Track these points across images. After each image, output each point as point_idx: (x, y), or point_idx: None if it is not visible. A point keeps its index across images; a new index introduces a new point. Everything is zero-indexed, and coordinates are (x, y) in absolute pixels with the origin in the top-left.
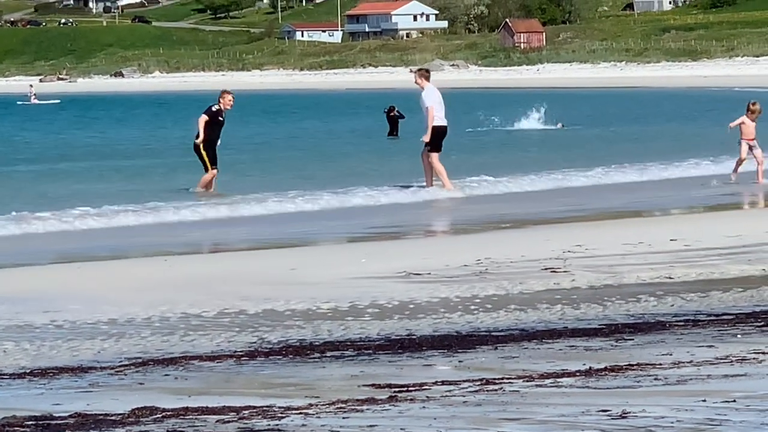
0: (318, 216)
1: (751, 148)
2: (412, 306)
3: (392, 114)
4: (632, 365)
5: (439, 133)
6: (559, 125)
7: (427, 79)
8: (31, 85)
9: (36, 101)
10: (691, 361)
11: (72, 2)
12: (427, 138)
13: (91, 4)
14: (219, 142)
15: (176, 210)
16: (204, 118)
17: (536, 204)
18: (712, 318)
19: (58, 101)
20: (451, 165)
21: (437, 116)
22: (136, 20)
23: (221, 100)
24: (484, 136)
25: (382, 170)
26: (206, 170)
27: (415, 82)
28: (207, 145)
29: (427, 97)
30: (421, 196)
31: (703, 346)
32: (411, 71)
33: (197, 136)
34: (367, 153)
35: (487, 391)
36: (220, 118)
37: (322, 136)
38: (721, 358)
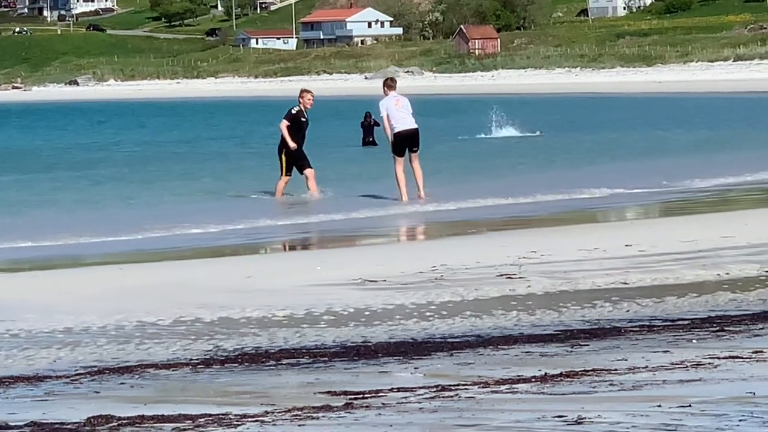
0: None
1: None
2: (367, 313)
3: (368, 121)
4: (588, 371)
5: (400, 137)
6: (538, 132)
7: (391, 87)
8: None
9: None
10: (646, 367)
11: (26, 11)
12: (390, 143)
13: (45, 13)
14: (304, 143)
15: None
16: (285, 123)
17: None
18: (668, 323)
19: None
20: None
21: (395, 122)
22: (91, 28)
23: (300, 100)
24: (474, 146)
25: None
26: (280, 176)
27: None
28: (287, 150)
29: (381, 105)
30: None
31: (658, 352)
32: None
33: (283, 142)
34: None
35: (442, 397)
36: (303, 119)
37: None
38: (676, 364)
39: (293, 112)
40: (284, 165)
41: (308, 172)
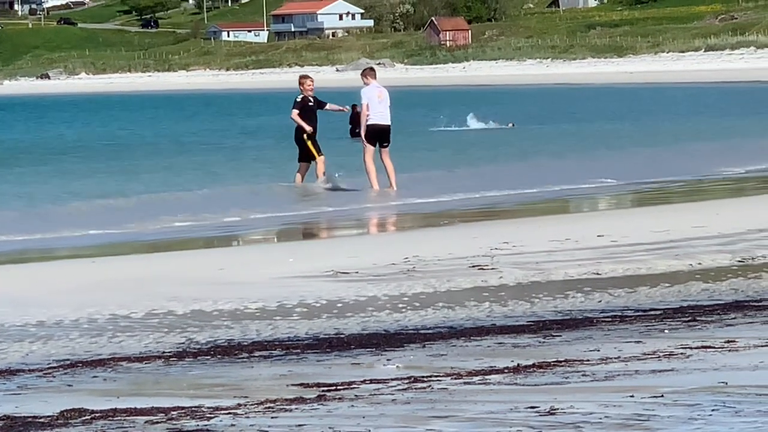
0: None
1: None
2: (340, 305)
3: (356, 112)
4: (560, 362)
5: (372, 130)
6: (510, 125)
7: (372, 77)
8: None
9: None
10: (618, 357)
11: None
12: (362, 133)
13: (16, 7)
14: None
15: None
16: (295, 112)
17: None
18: (640, 314)
19: None
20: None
21: (372, 114)
22: (62, 22)
23: (301, 88)
24: (445, 136)
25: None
26: (313, 159)
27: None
28: (309, 135)
29: (363, 94)
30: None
31: (630, 342)
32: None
33: (299, 129)
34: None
35: (415, 389)
36: (310, 104)
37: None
38: (648, 354)
39: (298, 99)
40: (313, 148)
41: (321, 157)
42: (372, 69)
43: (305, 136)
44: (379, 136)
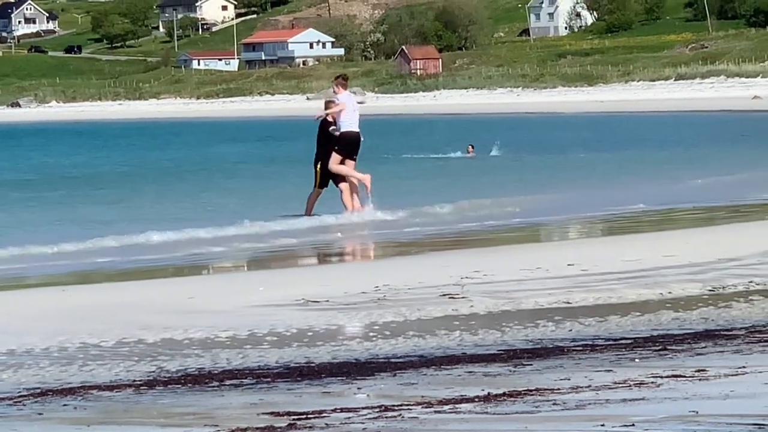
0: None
1: None
2: (310, 333)
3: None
4: (531, 390)
5: (350, 138)
6: (494, 151)
7: (344, 87)
8: None
9: None
10: (589, 386)
11: None
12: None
13: None
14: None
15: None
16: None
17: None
18: (611, 342)
19: None
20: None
21: (348, 122)
22: (33, 50)
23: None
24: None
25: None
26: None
27: (333, 91)
28: (322, 163)
29: (339, 100)
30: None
31: (601, 371)
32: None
33: (318, 154)
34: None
35: (386, 417)
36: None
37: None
38: (619, 383)
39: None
40: (318, 178)
41: (343, 186)
42: (345, 77)
43: (319, 163)
44: (354, 146)
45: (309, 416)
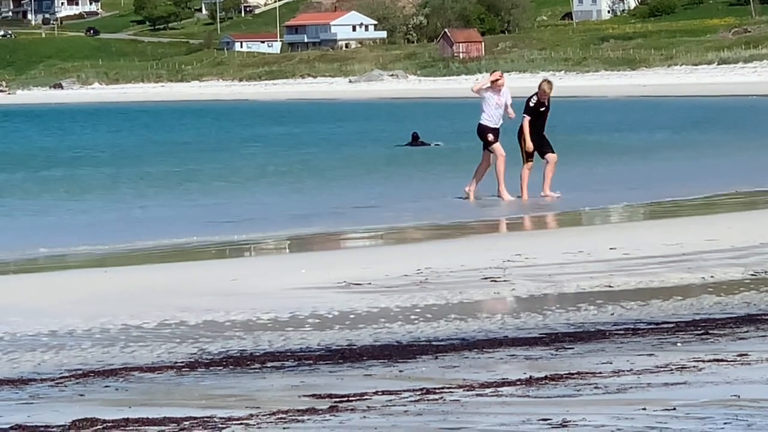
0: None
1: None
2: (352, 316)
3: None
4: (572, 374)
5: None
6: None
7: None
8: None
9: None
10: (631, 370)
11: (11, 14)
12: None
13: (30, 16)
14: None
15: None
16: (527, 118)
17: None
18: (652, 326)
19: None
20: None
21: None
22: (91, 32)
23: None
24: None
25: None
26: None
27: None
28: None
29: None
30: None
31: (643, 355)
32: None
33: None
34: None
35: (427, 400)
36: (541, 109)
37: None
38: (660, 367)
39: (531, 104)
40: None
41: (549, 156)
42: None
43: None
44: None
45: (350, 399)
